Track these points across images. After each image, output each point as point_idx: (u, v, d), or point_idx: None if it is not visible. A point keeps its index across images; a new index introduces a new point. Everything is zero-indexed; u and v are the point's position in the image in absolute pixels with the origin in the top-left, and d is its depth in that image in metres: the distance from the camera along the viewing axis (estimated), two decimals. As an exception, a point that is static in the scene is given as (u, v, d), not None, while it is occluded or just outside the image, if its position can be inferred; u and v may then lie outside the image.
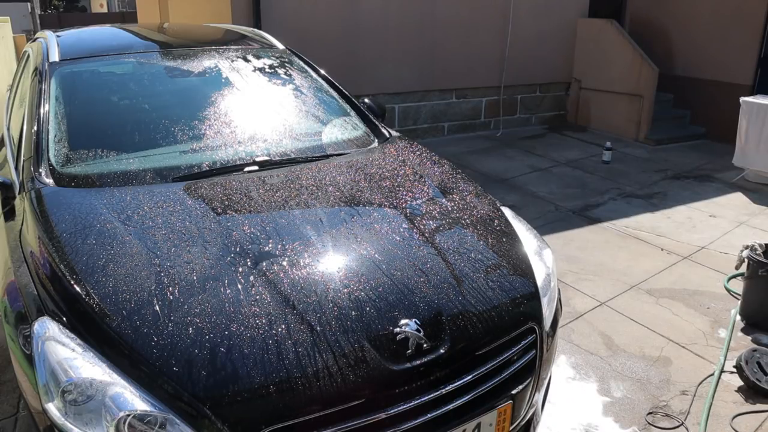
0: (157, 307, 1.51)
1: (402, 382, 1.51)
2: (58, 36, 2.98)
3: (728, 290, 3.64)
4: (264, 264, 1.69)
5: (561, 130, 7.90)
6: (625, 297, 3.55)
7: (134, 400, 1.36)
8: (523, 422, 1.87)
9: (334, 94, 3.01)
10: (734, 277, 3.78)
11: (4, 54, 7.99)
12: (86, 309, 1.52)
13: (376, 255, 1.78)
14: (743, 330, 3.20)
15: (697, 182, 5.81)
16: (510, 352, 1.73)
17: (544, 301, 1.89)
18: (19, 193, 2.11)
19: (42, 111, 2.35)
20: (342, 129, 2.74)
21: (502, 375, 1.71)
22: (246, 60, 2.94)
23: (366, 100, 3.16)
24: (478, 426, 1.66)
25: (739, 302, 3.36)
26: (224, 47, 3.03)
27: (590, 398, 2.63)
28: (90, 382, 1.39)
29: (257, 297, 1.58)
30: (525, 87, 7.85)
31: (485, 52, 7.33)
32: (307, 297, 1.59)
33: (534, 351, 1.82)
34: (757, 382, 2.65)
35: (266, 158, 2.33)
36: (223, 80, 2.74)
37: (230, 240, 1.78)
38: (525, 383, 1.78)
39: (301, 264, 1.71)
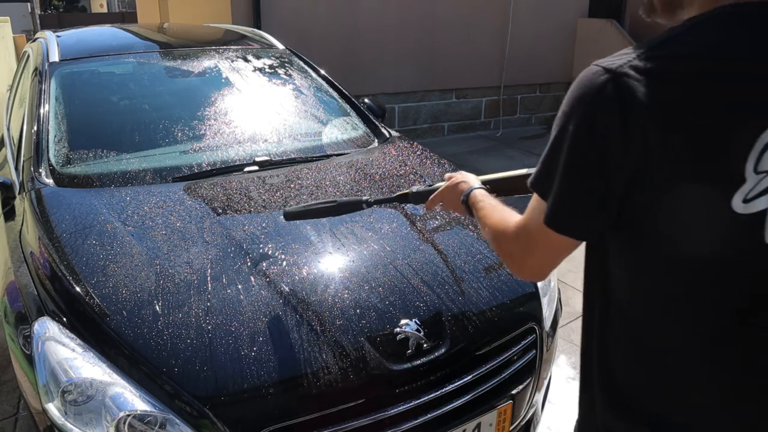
0: (157, 307, 1.51)
1: (402, 382, 1.51)
2: (58, 36, 2.98)
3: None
4: (264, 264, 1.69)
5: (561, 130, 7.89)
6: (625, 297, 3.54)
7: (134, 400, 1.36)
8: (523, 422, 1.87)
9: (334, 94, 3.01)
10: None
11: (4, 54, 7.98)
12: (86, 309, 1.52)
13: (376, 255, 1.78)
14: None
15: (697, 182, 5.80)
16: (510, 352, 1.73)
17: (544, 301, 1.89)
18: (19, 194, 2.11)
19: (42, 111, 2.35)
20: (342, 129, 2.74)
21: (502, 375, 1.71)
22: (246, 60, 2.94)
23: (366, 100, 3.16)
24: (478, 426, 1.66)
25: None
26: (224, 47, 3.03)
27: (590, 398, 2.62)
28: (90, 382, 1.39)
29: (257, 297, 1.58)
30: (525, 87, 7.85)
31: (485, 52, 7.32)
32: (307, 297, 1.59)
33: (534, 351, 1.82)
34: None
35: (266, 158, 2.33)
36: (223, 80, 2.74)
37: (230, 240, 1.78)
38: (525, 383, 1.77)
39: (301, 264, 1.71)
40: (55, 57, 2.67)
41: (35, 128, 2.28)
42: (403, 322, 1.57)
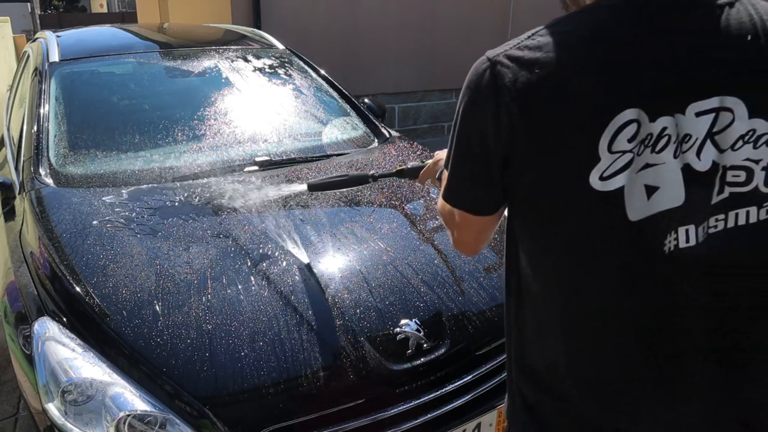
0: (158, 307, 1.51)
1: (402, 382, 1.51)
2: (58, 36, 2.98)
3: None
4: (264, 264, 1.69)
5: (561, 130, 7.88)
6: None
7: (134, 400, 1.36)
8: (523, 422, 1.87)
9: (334, 94, 3.01)
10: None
11: (4, 54, 7.99)
12: (86, 309, 1.52)
13: (376, 255, 1.78)
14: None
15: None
16: (510, 352, 1.73)
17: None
18: (19, 194, 2.11)
19: (42, 111, 2.35)
20: (342, 129, 2.74)
21: (503, 375, 1.70)
22: (246, 60, 2.94)
23: (366, 100, 3.16)
24: (479, 426, 1.66)
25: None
26: (224, 47, 3.03)
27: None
28: (90, 382, 1.39)
29: (257, 297, 1.58)
30: (525, 87, 7.84)
31: (485, 51, 7.32)
32: (307, 297, 1.59)
33: (534, 351, 1.82)
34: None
35: (266, 158, 2.33)
36: (223, 80, 2.73)
37: (230, 240, 1.78)
38: (525, 383, 1.77)
39: (302, 264, 1.71)
40: (55, 57, 2.67)
41: (35, 128, 2.28)
42: (403, 322, 1.57)
